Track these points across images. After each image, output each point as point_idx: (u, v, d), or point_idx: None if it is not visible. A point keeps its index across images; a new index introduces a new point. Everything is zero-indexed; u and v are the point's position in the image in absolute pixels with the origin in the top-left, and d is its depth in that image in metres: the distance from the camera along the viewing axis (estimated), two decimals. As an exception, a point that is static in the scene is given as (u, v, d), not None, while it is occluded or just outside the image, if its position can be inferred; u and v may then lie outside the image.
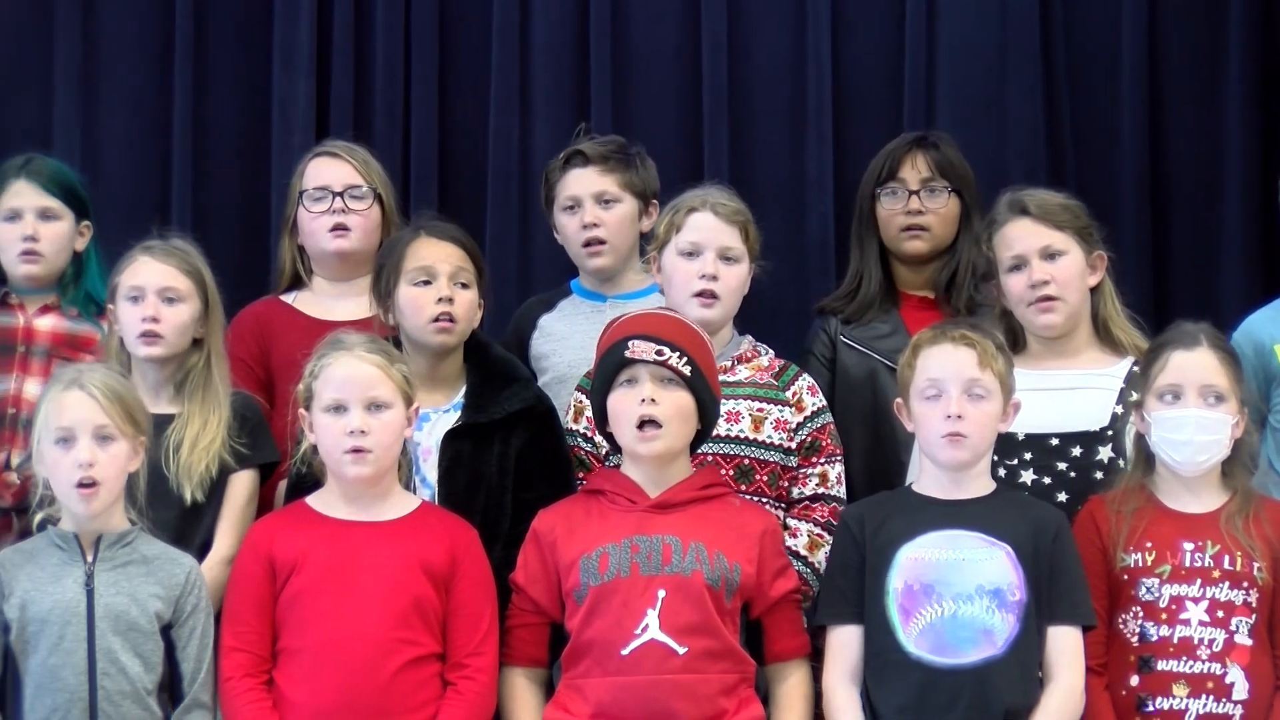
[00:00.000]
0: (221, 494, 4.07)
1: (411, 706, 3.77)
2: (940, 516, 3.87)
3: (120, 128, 5.45)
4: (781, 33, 5.45)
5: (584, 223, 4.58)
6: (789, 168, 5.40)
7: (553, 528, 3.88)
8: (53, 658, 3.70)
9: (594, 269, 4.62)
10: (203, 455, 4.04)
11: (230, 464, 4.07)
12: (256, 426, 4.16)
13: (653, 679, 3.74)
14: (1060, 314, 4.18)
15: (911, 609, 3.81)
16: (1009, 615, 3.80)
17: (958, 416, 3.82)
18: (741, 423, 4.15)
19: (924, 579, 3.82)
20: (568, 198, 4.61)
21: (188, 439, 4.05)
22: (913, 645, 3.80)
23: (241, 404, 4.16)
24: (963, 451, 3.85)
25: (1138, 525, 3.93)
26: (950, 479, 3.90)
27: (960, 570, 3.82)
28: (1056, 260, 4.17)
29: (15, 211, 4.51)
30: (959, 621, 3.79)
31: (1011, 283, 4.20)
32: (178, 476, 4.02)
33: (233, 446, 4.08)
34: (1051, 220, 4.19)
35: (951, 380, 3.85)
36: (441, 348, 4.12)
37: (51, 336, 4.49)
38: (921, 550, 3.84)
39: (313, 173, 4.61)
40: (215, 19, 5.47)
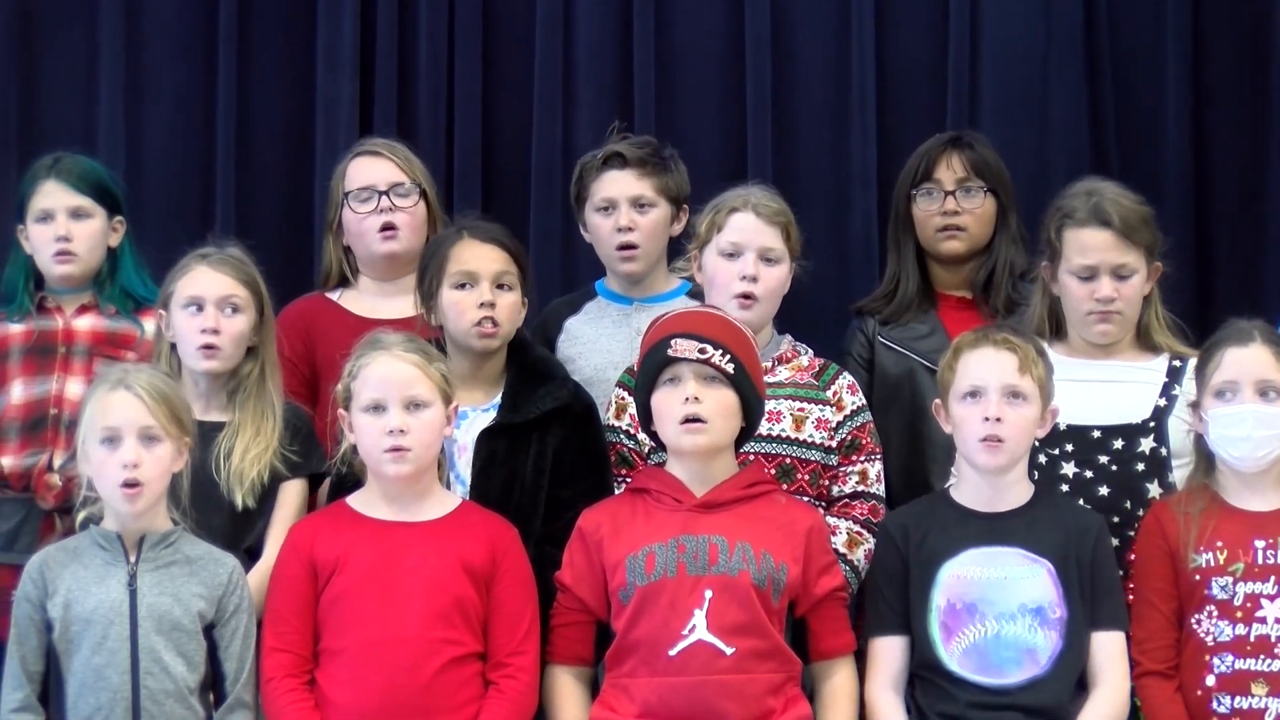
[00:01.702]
0: (271, 501, 4.07)
1: (453, 706, 3.77)
2: (981, 532, 3.88)
3: (164, 127, 5.45)
4: (825, 30, 5.44)
5: (619, 226, 4.56)
6: (832, 166, 5.40)
7: (599, 526, 3.88)
8: (96, 657, 3.70)
9: (625, 273, 4.60)
10: (254, 462, 4.03)
11: (281, 471, 4.07)
12: (307, 436, 4.15)
13: (700, 679, 3.74)
14: (1118, 327, 4.20)
15: (954, 628, 3.83)
16: (1051, 632, 3.82)
17: (996, 419, 3.83)
18: (783, 422, 4.15)
19: (966, 598, 3.84)
20: (603, 199, 4.58)
21: (239, 446, 4.05)
22: (956, 665, 3.82)
23: (292, 414, 4.15)
24: (1000, 456, 3.85)
25: (1206, 525, 3.92)
26: (989, 486, 3.90)
27: (1002, 589, 3.83)
28: (1127, 280, 4.18)
29: (47, 212, 4.51)
30: (1002, 642, 3.81)
31: (1075, 287, 4.20)
32: (228, 482, 4.01)
33: (284, 454, 4.07)
34: (1131, 238, 4.17)
35: (991, 383, 3.86)
36: (484, 351, 4.12)
37: (91, 336, 4.49)
38: (963, 568, 3.85)
39: (355, 172, 4.61)
40: (259, 18, 5.47)
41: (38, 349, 4.47)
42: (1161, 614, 3.92)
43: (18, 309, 4.52)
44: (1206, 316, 4.59)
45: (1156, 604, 3.93)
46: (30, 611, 3.75)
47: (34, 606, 3.75)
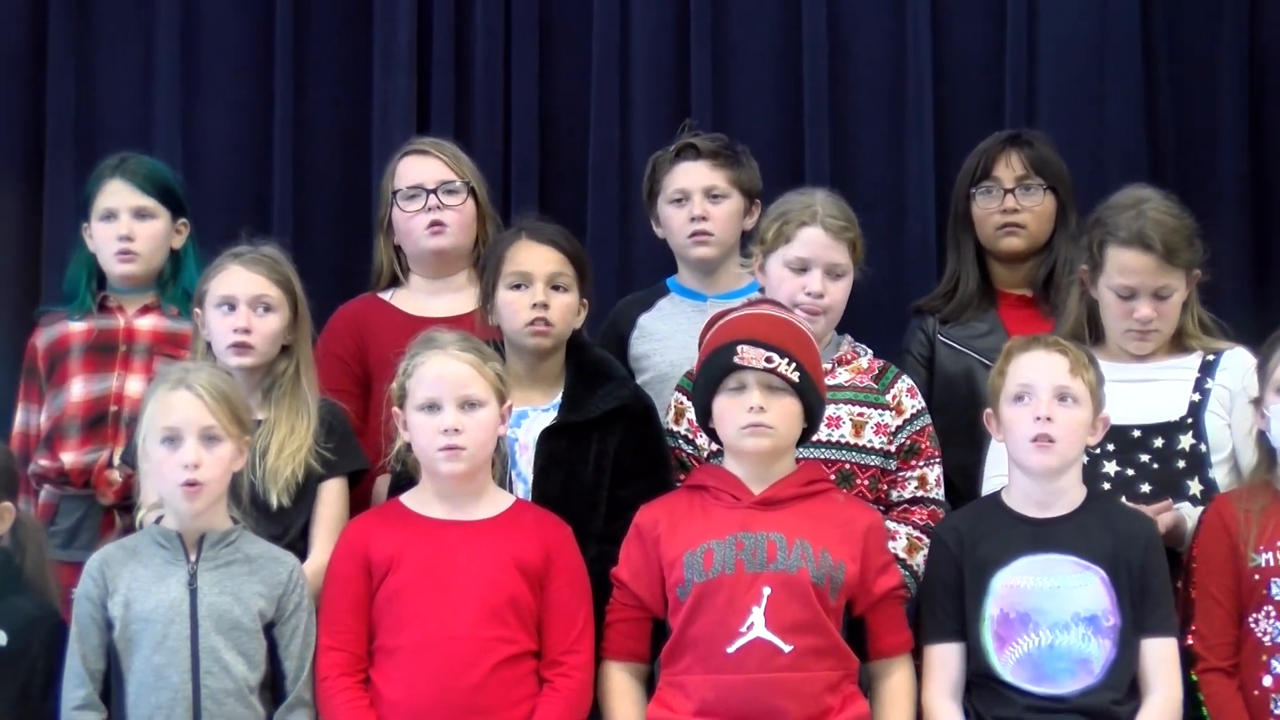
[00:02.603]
0: (307, 500, 4.07)
1: (507, 704, 3.78)
2: (1033, 539, 3.87)
3: (221, 127, 5.47)
4: (881, 31, 5.42)
5: (692, 215, 4.57)
6: (889, 167, 5.38)
7: (656, 523, 3.87)
8: (156, 656, 3.72)
9: (697, 258, 4.60)
10: (289, 461, 4.04)
11: (317, 470, 4.07)
12: (343, 434, 4.15)
13: (757, 677, 3.73)
14: (1155, 343, 4.20)
15: (1008, 637, 3.82)
16: (1104, 641, 3.80)
17: (1046, 419, 3.81)
18: (843, 428, 4.14)
19: (1020, 607, 3.83)
20: (676, 190, 4.60)
21: (274, 444, 4.05)
22: (1010, 674, 3.81)
23: (328, 411, 4.15)
24: (1051, 457, 3.84)
25: (1266, 525, 3.91)
26: (1040, 490, 3.89)
27: (1055, 598, 3.82)
28: (1167, 300, 4.17)
29: (111, 211, 4.54)
30: (1056, 652, 3.80)
31: (1114, 303, 4.19)
32: (264, 481, 4.02)
33: (319, 453, 4.07)
34: (1174, 260, 4.15)
35: (1042, 384, 3.85)
36: (537, 350, 4.12)
37: (152, 335, 4.53)
38: (1016, 577, 3.84)
39: (404, 171, 4.61)
40: (315, 18, 5.48)
41: (98, 347, 4.51)
42: (1225, 610, 3.91)
43: (79, 307, 4.56)
44: (1264, 317, 4.56)
45: (1220, 600, 3.91)
46: (91, 610, 3.76)
47: (94, 605, 3.76)
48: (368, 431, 4.25)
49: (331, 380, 4.29)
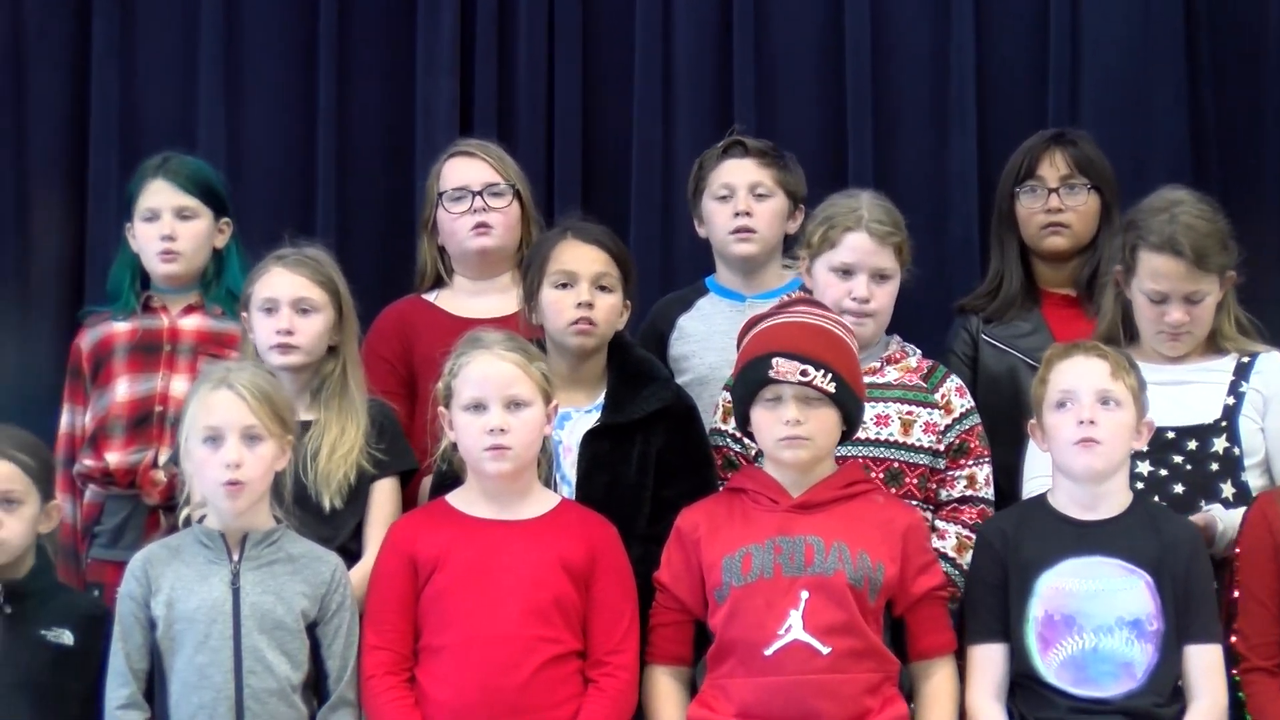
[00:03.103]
0: (359, 501, 4.08)
1: (552, 704, 3.77)
2: (1078, 541, 3.85)
3: (264, 127, 5.48)
4: (924, 30, 5.42)
5: (736, 210, 4.57)
6: (932, 166, 5.37)
7: (696, 526, 3.87)
8: (199, 656, 3.72)
9: (739, 254, 4.60)
10: (341, 463, 4.05)
11: (369, 470, 4.08)
12: (394, 434, 4.16)
13: (796, 679, 3.72)
14: (1187, 345, 4.20)
15: (1051, 639, 3.81)
16: (1148, 645, 3.79)
17: (1090, 422, 3.80)
18: (891, 426, 4.14)
19: (1065, 610, 3.81)
20: (722, 185, 4.60)
21: (325, 446, 4.06)
22: (1053, 676, 3.80)
23: (378, 411, 4.16)
24: (1096, 459, 3.82)
25: None
26: (1086, 494, 3.88)
27: (1100, 601, 3.81)
28: (1199, 304, 4.16)
29: (153, 211, 4.54)
30: (1100, 655, 3.79)
31: (1145, 305, 4.19)
32: (316, 484, 4.03)
33: (371, 454, 4.08)
34: (1205, 265, 4.13)
35: (1084, 389, 3.84)
36: (580, 350, 4.12)
37: (196, 335, 4.53)
38: (1061, 579, 3.83)
39: (450, 173, 4.62)
40: (358, 18, 5.49)
41: (143, 347, 4.51)
42: (1269, 611, 3.89)
43: (123, 307, 4.57)
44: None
45: (1263, 600, 3.89)
46: (134, 609, 3.77)
47: (138, 604, 3.77)
48: (414, 432, 4.26)
49: (377, 381, 4.29)
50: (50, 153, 5.45)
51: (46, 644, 3.80)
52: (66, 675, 3.81)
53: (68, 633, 3.82)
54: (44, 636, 3.80)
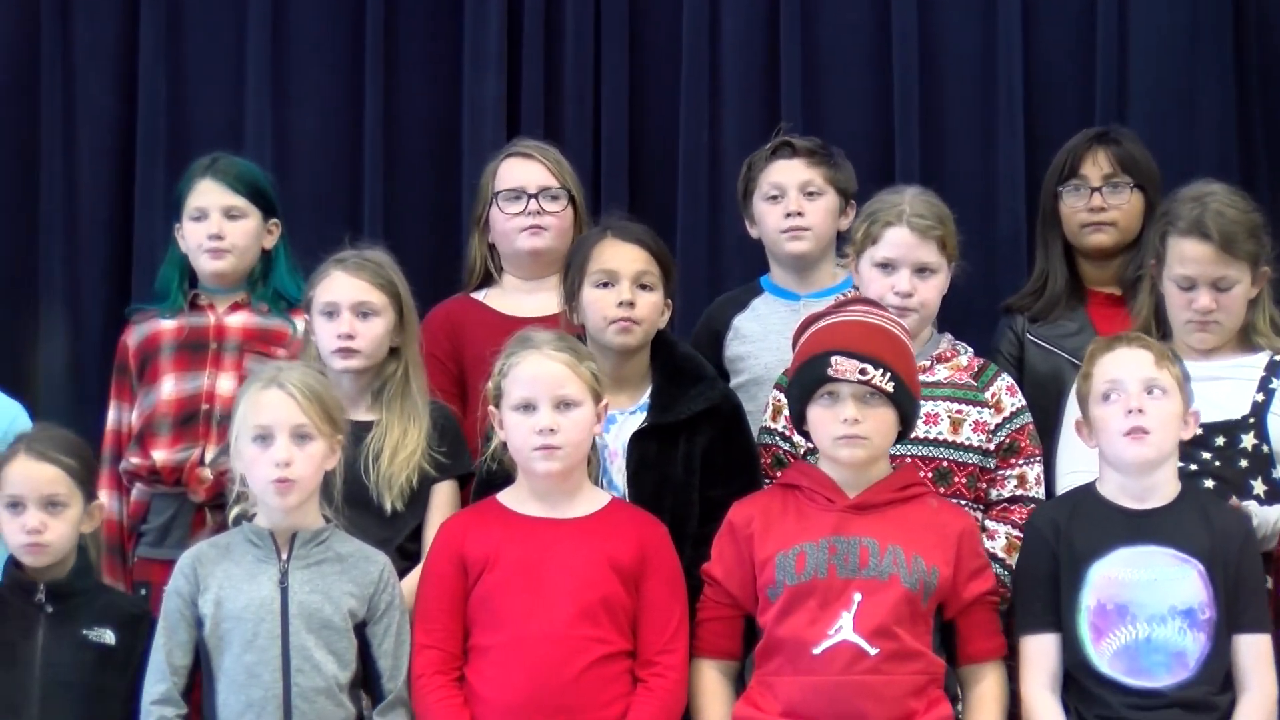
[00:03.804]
0: (420, 502, 4.10)
1: (601, 703, 3.78)
2: (1130, 530, 3.84)
3: (311, 126, 5.48)
4: (972, 27, 5.41)
5: (788, 210, 4.57)
6: (980, 165, 5.37)
7: (750, 521, 3.87)
8: (247, 655, 3.73)
9: (791, 253, 4.59)
10: (403, 466, 4.06)
11: (430, 473, 4.09)
12: (455, 437, 4.17)
13: (842, 679, 3.72)
14: (1216, 335, 4.18)
15: (1104, 629, 3.80)
16: (1200, 634, 3.78)
17: (1139, 411, 3.79)
18: (940, 425, 4.13)
19: (1117, 599, 3.81)
20: (772, 185, 4.60)
21: (387, 447, 4.07)
22: (1106, 666, 3.79)
23: (439, 414, 4.17)
24: (1146, 449, 3.81)
25: None
26: (1136, 485, 3.87)
27: (1152, 590, 3.80)
28: (1228, 291, 4.15)
29: (201, 211, 4.54)
30: (1153, 645, 3.78)
31: (1175, 295, 4.19)
32: (378, 486, 4.05)
33: (433, 456, 4.09)
34: (1231, 251, 4.13)
35: (1130, 379, 3.83)
36: (621, 349, 4.12)
37: (243, 332, 4.53)
38: (1113, 569, 3.82)
39: (506, 173, 4.63)
40: (405, 18, 5.49)
41: (189, 345, 4.51)
42: None
43: (170, 305, 4.57)
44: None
45: None
46: (181, 606, 3.78)
47: (185, 602, 3.78)
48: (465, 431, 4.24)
49: (430, 380, 4.27)
50: (98, 155, 5.46)
51: (89, 643, 3.82)
52: (108, 674, 3.83)
53: (110, 632, 3.84)
54: (86, 636, 3.83)
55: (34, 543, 3.83)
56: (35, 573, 3.85)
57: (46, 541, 3.83)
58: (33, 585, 3.84)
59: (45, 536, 3.83)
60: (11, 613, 3.84)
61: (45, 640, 3.81)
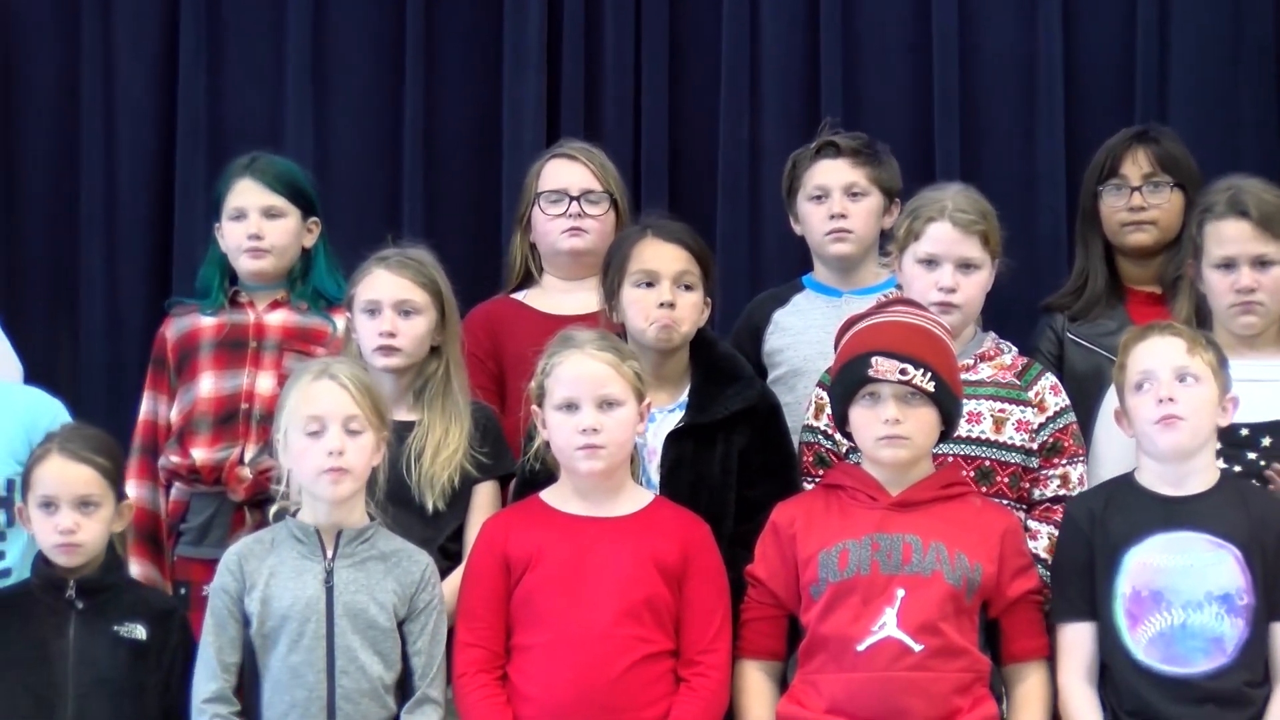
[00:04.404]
0: (461, 503, 4.10)
1: (644, 703, 3.77)
2: (1165, 516, 3.83)
3: (351, 126, 5.51)
4: (1012, 27, 5.42)
5: (832, 212, 4.56)
6: (1020, 163, 5.37)
7: (792, 521, 3.87)
8: (293, 655, 3.73)
9: (836, 254, 4.59)
10: (444, 465, 4.06)
11: (471, 474, 4.09)
12: (496, 437, 4.17)
13: (886, 675, 3.72)
14: (1260, 318, 4.17)
15: (1140, 615, 3.79)
16: (1238, 620, 3.77)
17: (1169, 399, 3.80)
18: (983, 424, 4.11)
19: (1152, 585, 3.80)
20: (816, 186, 4.59)
21: (429, 447, 4.07)
22: (1141, 653, 3.78)
23: (481, 414, 4.17)
24: (1180, 435, 3.81)
25: None
26: (1173, 472, 3.86)
27: (1189, 576, 3.79)
28: (1268, 270, 4.14)
29: (240, 210, 4.54)
30: (1189, 631, 3.77)
31: (1216, 279, 4.17)
32: (419, 485, 4.05)
33: (474, 457, 4.10)
34: (1269, 228, 4.13)
35: (1161, 367, 3.83)
36: (662, 348, 4.11)
37: (282, 331, 4.53)
38: (1149, 555, 3.81)
39: (549, 174, 4.63)
40: (445, 17, 5.50)
41: (229, 343, 4.51)
42: None
43: (211, 304, 4.57)
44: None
45: None
46: (228, 603, 3.78)
47: (231, 599, 3.78)
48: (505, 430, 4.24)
49: (470, 379, 4.27)
50: (138, 153, 5.49)
51: (120, 640, 3.82)
52: (141, 670, 3.82)
53: (140, 627, 3.83)
54: (118, 632, 3.82)
55: (67, 543, 3.83)
56: (65, 570, 3.85)
57: (80, 541, 3.83)
58: (63, 582, 3.83)
59: (78, 536, 3.83)
60: (42, 610, 3.84)
61: (77, 637, 3.81)
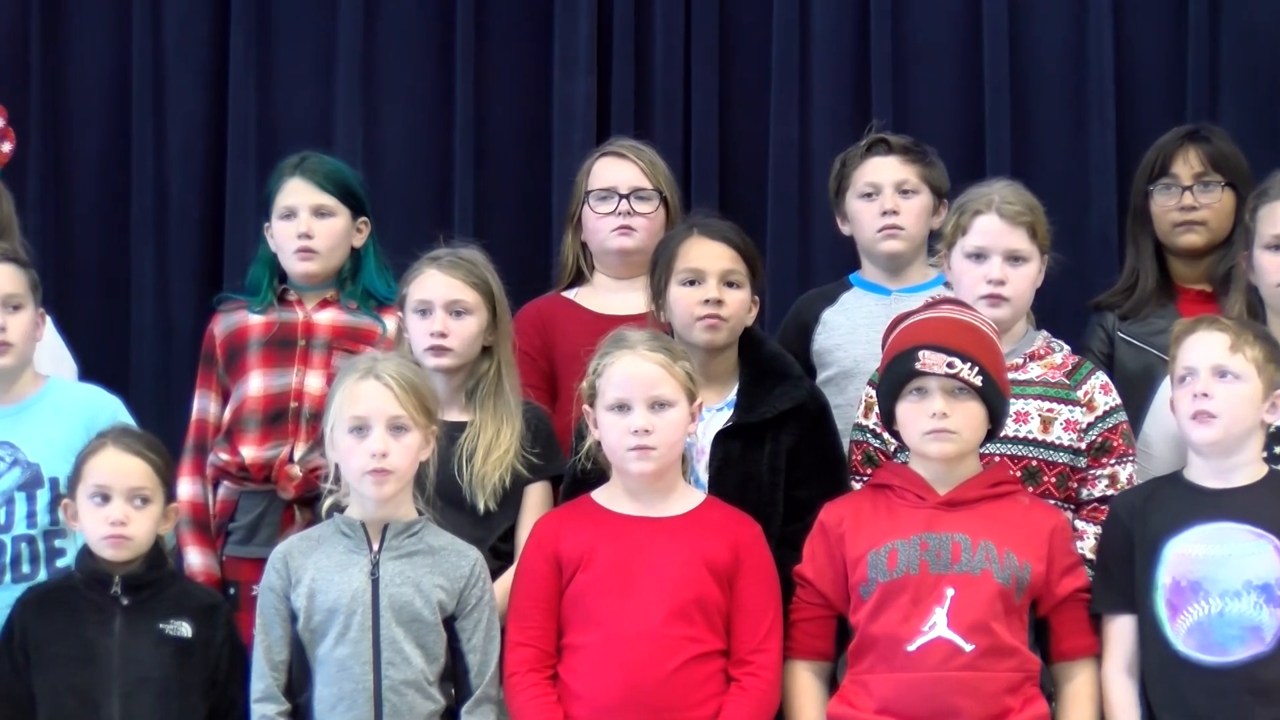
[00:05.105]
0: (513, 503, 4.10)
1: (694, 703, 3.77)
2: (1207, 507, 3.84)
3: (401, 126, 5.52)
4: (1062, 22, 5.42)
5: (883, 209, 4.56)
6: (1071, 161, 5.37)
7: (841, 520, 3.87)
8: (340, 648, 3.75)
9: (886, 252, 4.58)
10: (496, 466, 4.06)
11: (523, 474, 4.10)
12: (548, 438, 4.17)
13: (937, 675, 3.72)
14: None
15: (1179, 605, 3.79)
16: (1277, 610, 3.76)
17: (1203, 395, 3.80)
18: (1030, 423, 4.09)
19: (1191, 575, 3.80)
20: (867, 184, 4.59)
21: (481, 448, 4.08)
22: (1181, 643, 3.78)
23: (532, 414, 4.18)
24: (1211, 429, 3.82)
25: None
26: (1216, 466, 3.86)
27: (1227, 566, 3.79)
28: None
29: (290, 209, 4.53)
30: (1226, 619, 3.77)
31: (1267, 260, 4.18)
32: (471, 486, 4.05)
33: (526, 457, 4.10)
34: None
35: (1201, 363, 3.84)
36: (708, 347, 4.11)
37: (331, 330, 4.52)
38: (1188, 545, 3.81)
39: (599, 172, 4.63)
40: (495, 17, 5.52)
41: (277, 341, 4.51)
42: None
43: (260, 302, 4.56)
44: None
45: None
46: (275, 601, 3.80)
47: (278, 597, 3.80)
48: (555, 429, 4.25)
49: (520, 377, 4.27)
50: (189, 155, 5.52)
51: (166, 637, 3.84)
52: (187, 668, 3.84)
53: (185, 624, 3.85)
54: (163, 630, 3.84)
55: (117, 534, 3.84)
56: (111, 565, 3.87)
57: (130, 534, 3.85)
58: (108, 577, 3.85)
59: (128, 529, 3.85)
60: (87, 607, 3.85)
61: (122, 635, 3.83)
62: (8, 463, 4.13)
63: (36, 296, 4.20)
